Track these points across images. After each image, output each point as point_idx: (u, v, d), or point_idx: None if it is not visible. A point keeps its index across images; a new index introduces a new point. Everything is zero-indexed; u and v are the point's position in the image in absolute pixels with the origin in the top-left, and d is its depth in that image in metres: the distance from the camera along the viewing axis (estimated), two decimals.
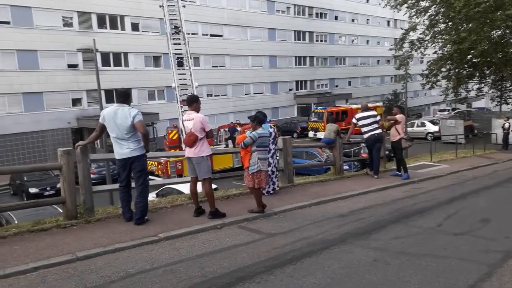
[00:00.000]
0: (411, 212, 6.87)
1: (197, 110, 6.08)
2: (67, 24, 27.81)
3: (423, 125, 34.01)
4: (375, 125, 9.78)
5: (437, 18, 26.08)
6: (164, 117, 29.29)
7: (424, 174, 11.17)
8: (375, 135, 9.73)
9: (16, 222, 10.61)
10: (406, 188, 9.25)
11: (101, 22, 29.39)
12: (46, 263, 4.26)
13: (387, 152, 12.65)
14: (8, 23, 25.10)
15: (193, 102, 6.13)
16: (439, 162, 13.86)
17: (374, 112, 10.14)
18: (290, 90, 44.13)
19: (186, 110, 6.64)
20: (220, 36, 36.83)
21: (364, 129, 9.83)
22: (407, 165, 10.55)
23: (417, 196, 8.30)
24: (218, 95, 36.98)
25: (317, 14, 46.13)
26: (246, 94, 39.49)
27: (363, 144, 15.38)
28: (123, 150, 5.53)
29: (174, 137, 22.48)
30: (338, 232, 5.63)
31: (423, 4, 25.80)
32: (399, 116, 10.11)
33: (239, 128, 26.46)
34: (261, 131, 6.31)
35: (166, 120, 29.59)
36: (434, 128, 32.48)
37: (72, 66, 27.97)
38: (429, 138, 31.20)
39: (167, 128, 24.26)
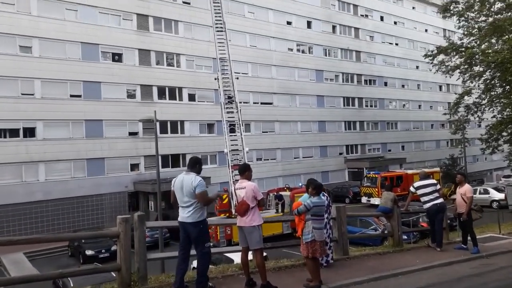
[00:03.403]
0: None
1: (249, 178, 6.16)
2: (131, 95, 30.29)
3: (486, 192, 31.73)
4: (436, 194, 9.26)
5: (493, 82, 25.38)
6: (215, 181, 29.88)
7: (494, 248, 10.20)
8: (437, 205, 9.17)
9: (72, 285, 10.90)
10: (474, 263, 8.44)
11: (161, 93, 31.71)
12: None
13: (448, 221, 11.83)
14: (79, 96, 27.82)
15: (245, 171, 6.22)
16: (509, 234, 12.67)
17: (433, 181, 9.67)
18: (340, 154, 43.70)
19: (238, 178, 6.76)
20: (270, 103, 38.13)
21: (424, 199, 9.32)
22: None
23: (488, 274, 7.53)
24: (268, 159, 37.42)
25: (365, 81, 46.72)
26: (295, 158, 39.62)
27: (422, 213, 14.56)
28: (183, 214, 5.68)
29: (225, 201, 22.70)
30: None
31: (476, 69, 25.37)
32: (468, 189, 9.43)
33: (288, 193, 26.26)
34: (317, 200, 6.22)
35: (217, 184, 30.16)
36: (499, 196, 30.15)
37: (133, 134, 29.94)
38: (494, 206, 28.90)
39: (218, 192, 24.58)
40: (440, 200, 9.30)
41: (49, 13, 26.70)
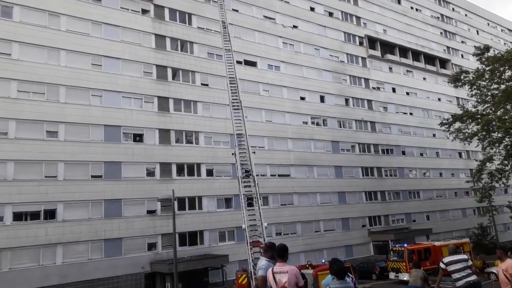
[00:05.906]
0: None
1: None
2: (150, 173, 30.70)
3: None
4: (468, 270, 8.62)
5: None
6: (233, 259, 28.86)
7: None
8: (470, 283, 8.48)
9: None
10: None
11: (180, 170, 32.11)
12: None
13: None
14: (100, 176, 28.37)
15: (285, 253, 5.94)
16: None
17: (464, 256, 9.06)
18: (363, 226, 42.16)
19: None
20: (288, 175, 38.01)
21: (456, 275, 8.66)
22: None
23: None
24: (287, 234, 36.26)
25: (383, 150, 46.57)
26: (316, 231, 38.33)
27: None
28: None
29: (244, 282, 21.58)
30: None
31: (495, 135, 25.14)
32: (510, 265, 8.63)
33: (310, 270, 24.89)
34: (339, 285, 5.80)
35: (236, 261, 29.07)
36: None
37: (151, 212, 29.79)
38: None
39: (237, 272, 23.60)
40: (474, 277, 8.62)
41: (75, 100, 28.31)
